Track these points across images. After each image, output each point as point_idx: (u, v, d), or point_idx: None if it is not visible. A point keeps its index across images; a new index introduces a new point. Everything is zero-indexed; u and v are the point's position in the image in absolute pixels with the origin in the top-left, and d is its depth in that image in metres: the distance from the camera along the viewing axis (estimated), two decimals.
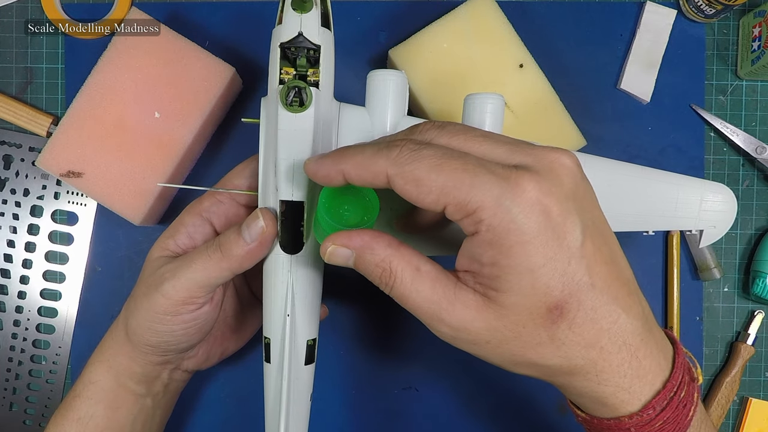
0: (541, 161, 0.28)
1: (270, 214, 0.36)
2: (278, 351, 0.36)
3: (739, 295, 0.54)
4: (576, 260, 0.27)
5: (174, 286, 0.37)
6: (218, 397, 0.54)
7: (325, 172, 0.30)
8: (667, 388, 0.30)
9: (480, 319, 0.28)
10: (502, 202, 0.26)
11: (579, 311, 0.28)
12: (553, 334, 0.28)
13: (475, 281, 0.29)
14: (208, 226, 0.41)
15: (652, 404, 0.30)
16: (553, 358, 0.29)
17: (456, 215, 0.28)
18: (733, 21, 0.54)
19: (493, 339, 0.29)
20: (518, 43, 0.50)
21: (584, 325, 0.28)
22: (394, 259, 0.29)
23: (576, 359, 0.29)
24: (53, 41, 0.54)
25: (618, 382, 0.29)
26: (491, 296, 0.28)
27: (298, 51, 0.35)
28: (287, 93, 0.34)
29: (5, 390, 0.54)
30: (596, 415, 0.31)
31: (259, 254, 0.36)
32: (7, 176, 0.54)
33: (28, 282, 0.54)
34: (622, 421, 0.30)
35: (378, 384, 0.54)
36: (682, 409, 0.30)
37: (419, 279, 0.29)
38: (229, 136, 0.54)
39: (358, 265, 0.30)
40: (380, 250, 0.30)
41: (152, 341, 0.39)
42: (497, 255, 0.27)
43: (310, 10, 0.35)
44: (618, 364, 0.29)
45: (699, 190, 0.40)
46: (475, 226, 0.27)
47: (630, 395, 0.30)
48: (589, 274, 0.28)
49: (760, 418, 0.53)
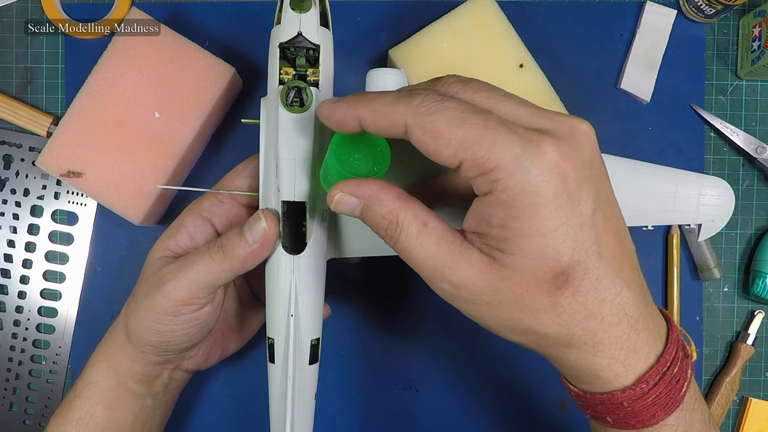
0: (562, 126, 0.28)
1: (272, 215, 0.36)
2: (282, 351, 0.36)
3: (739, 295, 0.54)
4: (587, 228, 0.27)
5: (175, 286, 0.37)
6: (218, 396, 0.54)
7: (340, 116, 0.29)
8: (660, 362, 0.30)
9: (483, 278, 0.28)
10: (521, 162, 0.26)
11: (584, 280, 0.27)
12: (556, 301, 0.28)
13: (482, 242, 0.28)
14: (209, 226, 0.41)
15: (645, 378, 0.29)
16: (551, 325, 0.28)
17: (471, 172, 0.27)
18: (733, 21, 0.54)
19: (493, 300, 0.28)
20: (518, 43, 0.50)
21: (588, 294, 0.28)
22: (401, 211, 0.29)
23: (575, 329, 0.28)
24: (53, 41, 0.54)
25: (614, 354, 0.29)
26: (497, 257, 0.28)
27: (298, 51, 0.35)
28: (287, 93, 0.34)
29: (5, 390, 0.54)
30: (588, 389, 0.31)
31: (261, 255, 0.36)
32: (7, 176, 0.54)
33: (28, 282, 0.54)
34: (615, 395, 0.30)
35: (378, 384, 0.54)
36: (674, 385, 0.30)
37: (425, 234, 0.28)
38: (229, 136, 0.54)
39: (365, 215, 0.30)
40: (388, 202, 0.29)
41: (153, 341, 0.39)
42: (509, 217, 0.27)
43: (308, 9, 0.35)
44: (617, 335, 0.29)
45: (697, 184, 0.41)
46: (490, 185, 0.27)
47: (624, 368, 0.29)
48: (597, 243, 0.27)
49: (760, 418, 0.53)
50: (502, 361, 0.53)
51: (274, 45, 0.35)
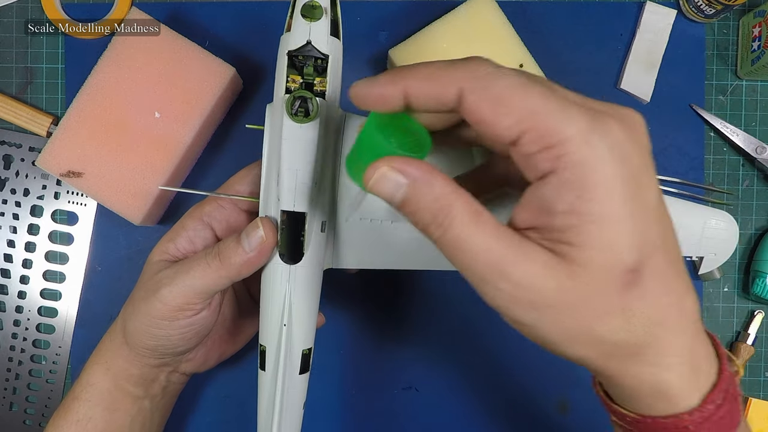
0: (618, 112, 0.25)
1: (270, 223, 0.35)
2: (273, 359, 0.36)
3: (739, 295, 0.54)
4: (654, 220, 0.24)
5: (171, 291, 0.37)
6: (216, 399, 0.54)
7: (381, 90, 0.26)
8: (721, 379, 0.27)
9: (550, 276, 0.24)
10: (589, 137, 0.23)
11: (653, 279, 0.24)
12: (626, 302, 0.24)
13: (542, 237, 0.25)
14: (209, 230, 0.41)
15: (711, 398, 0.26)
16: (620, 331, 0.25)
17: (532, 146, 0.24)
18: (733, 21, 0.54)
19: (558, 302, 0.24)
20: (518, 43, 0.50)
21: (656, 297, 0.25)
22: (454, 197, 0.25)
23: (642, 336, 0.25)
24: (53, 41, 0.54)
25: (679, 369, 0.26)
26: (563, 251, 0.24)
27: (306, 59, 0.35)
28: (293, 102, 0.33)
29: (5, 390, 0.54)
30: (649, 413, 0.27)
31: (257, 263, 0.36)
32: (7, 176, 0.54)
33: (28, 282, 0.54)
34: (682, 419, 0.26)
35: (378, 384, 0.54)
36: (735, 403, 0.27)
37: (481, 224, 0.24)
38: (228, 136, 0.54)
39: (410, 197, 0.25)
40: (440, 185, 0.25)
41: (149, 345, 0.39)
42: (576, 200, 0.23)
43: (319, 18, 0.34)
44: (680, 347, 0.26)
45: (702, 216, 0.40)
46: (554, 162, 0.23)
47: (689, 386, 0.26)
48: (662, 240, 0.25)
49: (760, 418, 0.53)
50: (503, 362, 0.53)
51: (283, 52, 0.35)
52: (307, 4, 0.34)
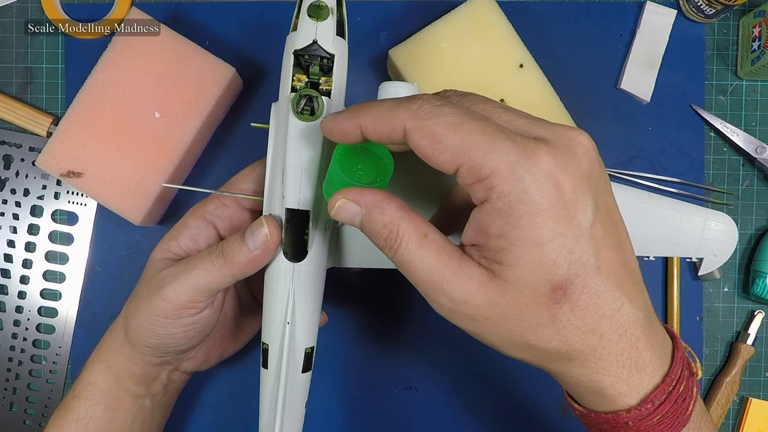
0: (560, 138, 0.27)
1: (275, 222, 0.35)
2: (276, 358, 0.36)
3: (739, 295, 0.54)
4: (584, 240, 0.27)
5: (175, 290, 0.37)
6: (217, 397, 0.54)
7: (342, 126, 0.29)
8: (666, 381, 0.29)
9: (482, 293, 0.27)
10: (516, 169, 0.26)
11: (582, 294, 0.27)
12: (555, 316, 0.27)
13: (481, 255, 0.28)
14: (212, 229, 0.41)
15: (651, 398, 0.29)
16: (551, 340, 0.28)
17: (468, 179, 0.27)
18: (733, 21, 0.54)
19: (492, 315, 0.28)
20: (518, 43, 0.50)
21: (587, 309, 0.27)
22: (402, 222, 0.28)
23: (575, 344, 0.28)
24: (53, 41, 0.54)
25: (616, 372, 0.29)
26: (496, 270, 0.27)
27: (312, 59, 0.35)
28: (299, 101, 0.34)
29: (5, 390, 0.54)
30: (594, 408, 0.30)
31: (262, 262, 0.36)
32: (7, 176, 0.54)
33: (28, 282, 0.54)
34: (620, 415, 0.29)
35: (378, 384, 0.54)
36: (681, 404, 0.30)
37: (425, 246, 0.28)
38: (229, 136, 0.54)
39: (365, 223, 0.29)
40: (390, 211, 0.29)
41: (152, 343, 0.39)
42: (505, 225, 0.26)
43: (326, 18, 0.34)
44: (617, 353, 0.28)
45: (702, 217, 0.41)
46: (486, 192, 0.26)
47: (628, 387, 0.29)
48: (596, 257, 0.27)
49: (760, 418, 0.53)
50: (503, 362, 0.53)
51: (289, 51, 0.35)
52: (314, 4, 0.34)
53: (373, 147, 0.30)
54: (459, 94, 0.30)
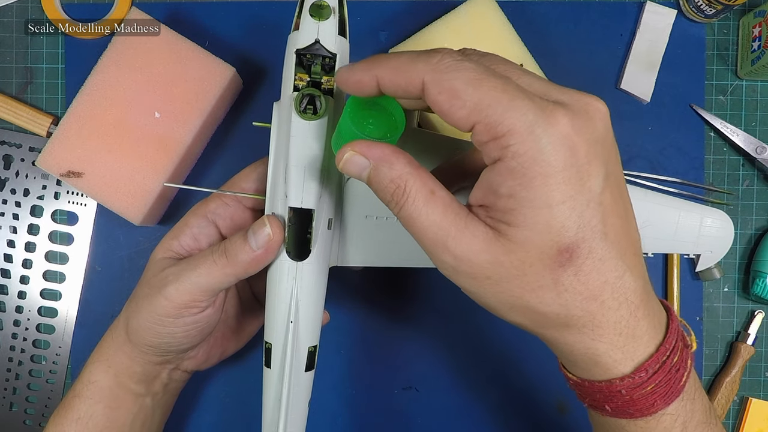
0: (578, 102, 0.27)
1: (277, 221, 0.35)
2: (279, 357, 0.36)
3: (739, 295, 0.54)
4: (594, 206, 0.27)
5: (177, 289, 0.37)
6: (218, 396, 0.54)
7: (358, 77, 0.29)
8: (660, 351, 0.29)
9: (487, 251, 0.27)
10: (534, 129, 0.25)
11: (588, 258, 0.27)
12: (558, 279, 0.27)
13: (488, 215, 0.28)
14: (213, 228, 0.41)
15: (645, 366, 0.29)
16: (552, 304, 0.28)
17: (484, 136, 0.26)
18: (733, 21, 0.54)
19: (494, 275, 0.28)
20: (518, 43, 0.50)
21: (590, 275, 0.27)
22: (410, 177, 0.28)
23: (575, 309, 0.28)
24: (53, 41, 0.54)
25: (613, 339, 0.29)
26: (502, 230, 0.27)
27: (314, 58, 0.35)
28: (301, 100, 0.34)
29: (5, 390, 0.54)
30: (587, 377, 0.30)
31: (264, 261, 0.36)
32: (7, 176, 0.54)
33: (28, 282, 0.54)
34: (614, 383, 0.29)
35: (378, 384, 0.54)
36: (674, 374, 0.30)
37: (432, 202, 0.28)
38: (229, 136, 0.54)
39: (373, 177, 0.29)
40: (399, 166, 0.28)
41: (153, 342, 0.39)
42: (517, 186, 0.26)
43: (328, 17, 0.35)
44: (616, 320, 0.28)
45: (699, 214, 0.41)
46: (501, 151, 0.26)
47: (623, 355, 0.29)
48: (603, 223, 0.27)
49: (760, 418, 0.53)
50: (503, 362, 0.53)
51: (291, 51, 0.35)
52: (316, 3, 0.35)
53: (385, 102, 0.30)
54: (480, 53, 0.30)
